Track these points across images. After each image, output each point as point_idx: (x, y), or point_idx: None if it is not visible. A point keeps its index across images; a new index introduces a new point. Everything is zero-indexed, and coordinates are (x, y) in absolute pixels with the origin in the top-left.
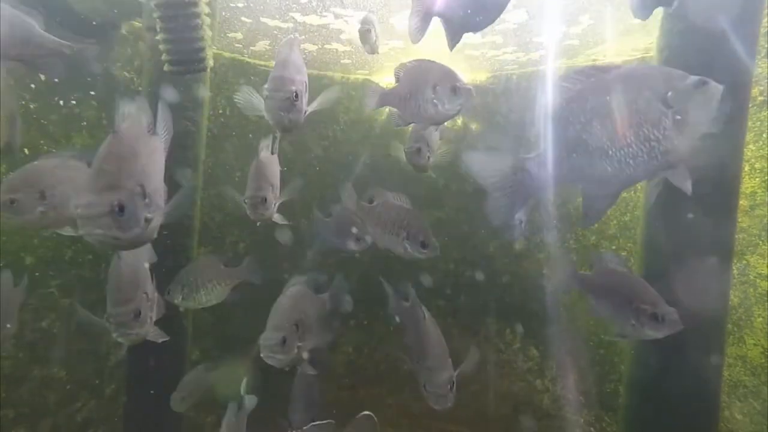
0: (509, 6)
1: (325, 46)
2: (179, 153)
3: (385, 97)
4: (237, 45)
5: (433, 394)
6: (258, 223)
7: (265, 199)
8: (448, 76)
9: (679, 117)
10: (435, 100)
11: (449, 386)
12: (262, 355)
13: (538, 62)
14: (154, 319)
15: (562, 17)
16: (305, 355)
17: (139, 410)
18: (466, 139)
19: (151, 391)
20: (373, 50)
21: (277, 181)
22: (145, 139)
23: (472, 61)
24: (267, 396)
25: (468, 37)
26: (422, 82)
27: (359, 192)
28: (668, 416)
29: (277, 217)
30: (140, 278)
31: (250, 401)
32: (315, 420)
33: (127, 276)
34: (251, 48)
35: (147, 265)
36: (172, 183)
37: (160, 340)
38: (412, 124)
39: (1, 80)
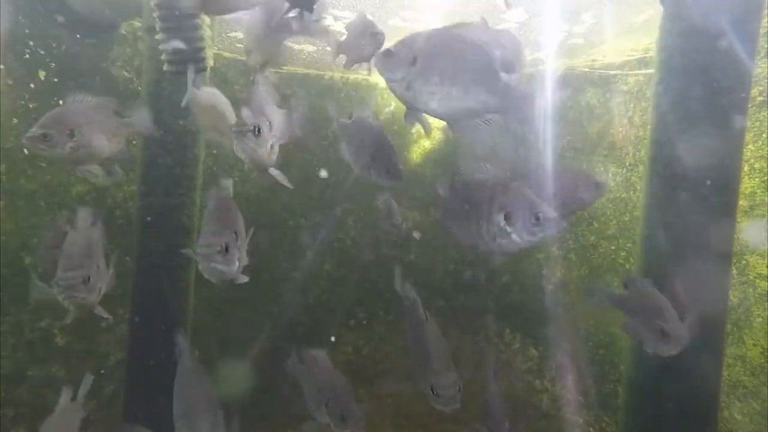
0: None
1: (326, 48)
2: (179, 153)
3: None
4: (238, 45)
5: (443, 396)
6: None
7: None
8: (384, 154)
9: None
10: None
11: (458, 387)
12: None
13: (542, 62)
14: (103, 291)
15: (563, 16)
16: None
17: (139, 410)
18: (466, 138)
19: (151, 391)
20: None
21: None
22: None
23: None
24: (267, 396)
25: None
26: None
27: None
28: (668, 416)
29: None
30: (94, 250)
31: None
32: None
33: (81, 245)
34: None
35: (101, 242)
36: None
37: (105, 316)
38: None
39: (1, 81)
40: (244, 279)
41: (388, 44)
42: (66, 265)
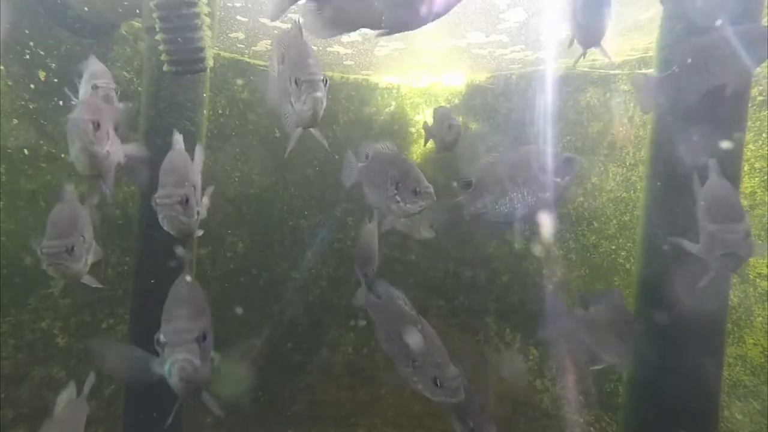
0: (505, 5)
1: (327, 48)
2: None
3: (360, 173)
4: (239, 45)
5: (448, 388)
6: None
7: (187, 200)
8: (410, 176)
9: None
10: (397, 197)
11: (460, 378)
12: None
13: (543, 61)
14: (89, 263)
15: (564, 15)
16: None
17: (138, 410)
18: (466, 139)
19: (151, 392)
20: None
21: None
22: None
23: (478, 60)
24: (267, 396)
25: (472, 37)
26: (384, 176)
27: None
28: (668, 416)
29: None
30: (79, 221)
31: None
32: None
33: (67, 216)
34: (253, 48)
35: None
36: None
37: (94, 285)
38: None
39: (1, 81)
40: (200, 232)
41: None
42: (51, 235)
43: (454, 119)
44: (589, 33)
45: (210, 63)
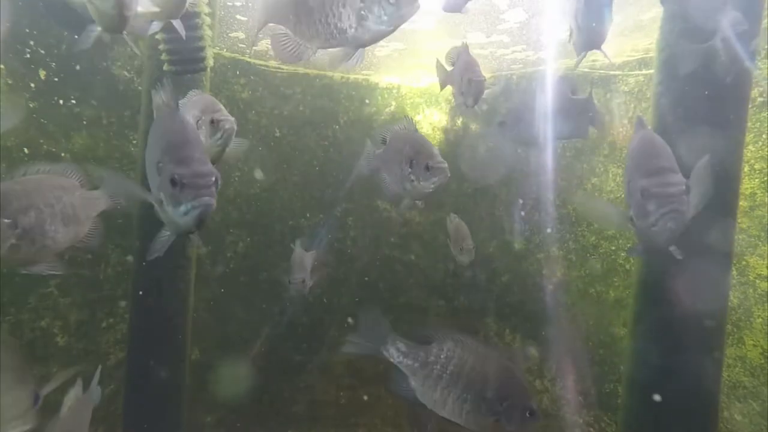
0: (505, 5)
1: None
2: None
3: (377, 160)
4: (240, 45)
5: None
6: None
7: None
8: (423, 151)
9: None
10: (411, 176)
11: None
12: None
13: (544, 61)
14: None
15: (565, 15)
16: None
17: (138, 410)
18: (466, 139)
19: (151, 392)
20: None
21: None
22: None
23: (479, 60)
24: (267, 396)
25: (473, 37)
26: (400, 155)
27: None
28: (668, 417)
29: None
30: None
31: (96, 392)
32: None
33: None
34: (254, 48)
35: None
36: None
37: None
38: None
39: (1, 81)
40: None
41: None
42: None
43: (476, 71)
44: (590, 37)
45: (210, 62)
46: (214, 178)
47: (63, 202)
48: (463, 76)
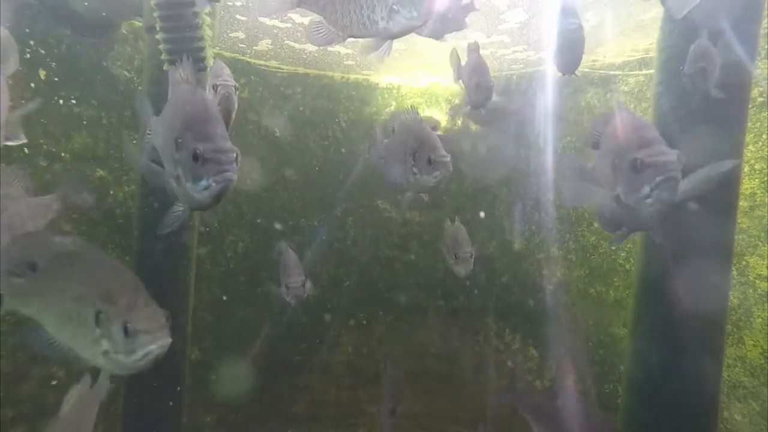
0: (505, 5)
1: (328, 48)
2: None
3: (383, 150)
4: (240, 45)
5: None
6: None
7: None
8: (427, 144)
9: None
10: (414, 168)
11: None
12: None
13: (545, 61)
14: None
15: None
16: None
17: (138, 410)
18: (467, 138)
19: (151, 391)
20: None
21: None
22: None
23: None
24: (267, 396)
25: (473, 37)
26: (404, 147)
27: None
28: (667, 417)
29: None
30: None
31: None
32: None
33: None
34: (254, 48)
35: None
36: None
37: None
38: None
39: (1, 79)
40: None
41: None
42: None
43: (485, 77)
44: (565, 63)
45: (210, 62)
46: (235, 155)
47: (13, 214)
48: (471, 78)
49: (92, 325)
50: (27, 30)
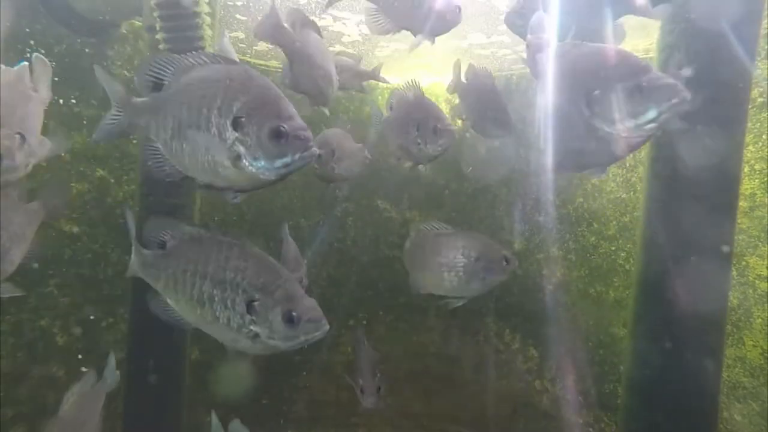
0: (504, 6)
1: (329, 48)
2: None
3: (385, 125)
4: (240, 45)
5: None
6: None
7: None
8: (432, 114)
9: None
10: (419, 141)
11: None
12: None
13: None
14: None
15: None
16: None
17: (138, 410)
18: (467, 139)
19: (151, 391)
20: None
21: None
22: None
23: (480, 61)
24: (267, 396)
25: (473, 37)
26: (407, 119)
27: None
28: (667, 417)
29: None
30: None
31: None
32: None
33: None
34: (254, 48)
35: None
36: None
37: (6, 295)
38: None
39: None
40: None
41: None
42: None
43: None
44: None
45: None
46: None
47: (14, 223)
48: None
49: (243, 311)
50: (27, 30)
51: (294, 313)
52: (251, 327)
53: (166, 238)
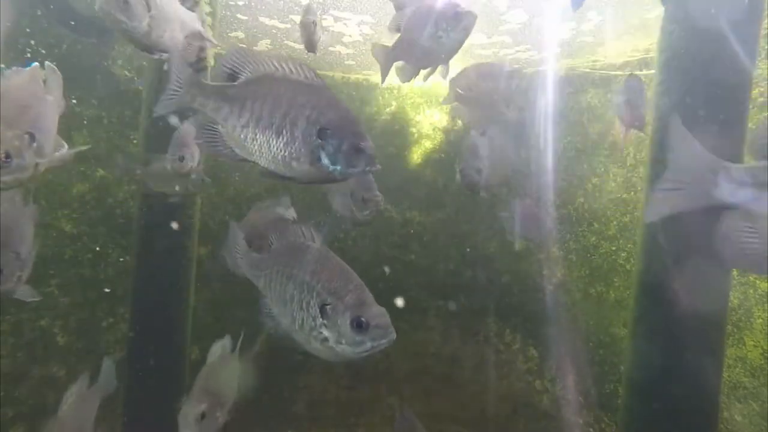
0: (505, 6)
1: (329, 48)
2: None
3: (394, 53)
4: (240, 45)
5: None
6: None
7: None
8: (446, 4)
9: None
10: (440, 33)
11: None
12: None
13: (546, 61)
14: (23, 279)
15: (569, 14)
16: None
17: (139, 410)
18: (468, 139)
19: (151, 391)
20: (312, 47)
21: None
22: None
23: (481, 61)
24: (267, 396)
25: (474, 38)
26: (423, 23)
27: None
28: (668, 417)
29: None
30: (12, 239)
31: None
32: None
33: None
34: (254, 48)
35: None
36: None
37: (29, 299)
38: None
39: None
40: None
41: None
42: None
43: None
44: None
45: (211, 62)
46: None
47: (25, 225)
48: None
49: (315, 314)
50: (27, 30)
51: (363, 319)
52: (321, 330)
53: (270, 240)
